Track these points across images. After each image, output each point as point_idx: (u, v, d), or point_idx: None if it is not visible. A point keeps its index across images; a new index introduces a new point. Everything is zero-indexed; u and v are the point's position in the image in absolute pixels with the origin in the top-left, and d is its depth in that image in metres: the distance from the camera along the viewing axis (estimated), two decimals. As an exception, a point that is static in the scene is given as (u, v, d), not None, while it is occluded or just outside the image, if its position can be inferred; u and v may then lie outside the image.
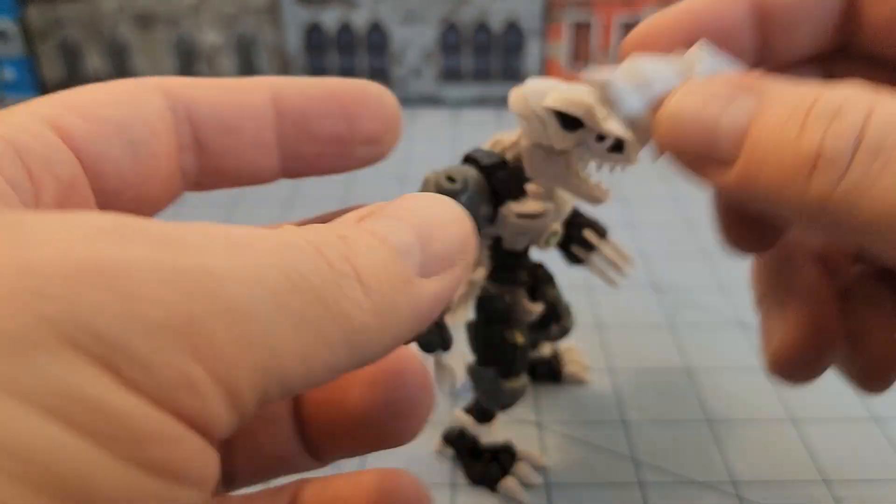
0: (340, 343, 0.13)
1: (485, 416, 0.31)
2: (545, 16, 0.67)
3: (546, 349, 0.36)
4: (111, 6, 0.67)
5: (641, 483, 0.31)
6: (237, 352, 0.12)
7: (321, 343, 0.13)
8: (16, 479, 0.10)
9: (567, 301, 0.32)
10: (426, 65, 0.69)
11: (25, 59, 0.68)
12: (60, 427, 0.10)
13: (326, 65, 0.69)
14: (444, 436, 0.32)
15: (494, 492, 0.31)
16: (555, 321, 0.32)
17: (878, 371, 0.21)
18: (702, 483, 0.31)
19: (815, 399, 0.35)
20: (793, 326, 0.21)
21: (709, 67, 0.19)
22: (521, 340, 0.29)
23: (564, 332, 0.32)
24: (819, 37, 0.21)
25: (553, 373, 0.36)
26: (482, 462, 0.31)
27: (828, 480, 0.31)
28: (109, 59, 0.69)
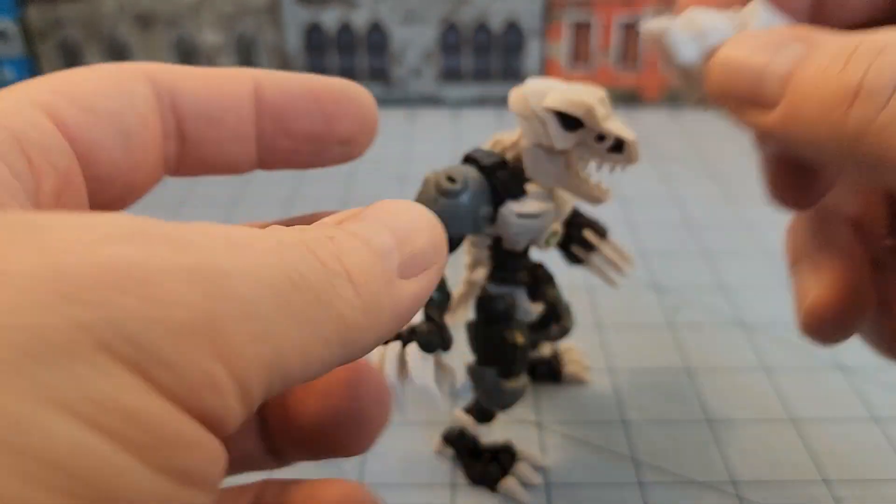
0: (335, 340, 0.14)
1: (485, 416, 0.31)
2: (545, 16, 0.67)
3: (546, 349, 0.36)
4: (111, 6, 0.67)
5: (641, 483, 0.31)
6: (250, 349, 0.12)
7: (318, 340, 0.13)
8: (53, 490, 0.10)
9: (567, 301, 0.32)
10: (426, 65, 0.69)
11: (25, 59, 0.68)
12: (96, 436, 0.10)
13: (326, 65, 0.69)
14: (444, 436, 0.32)
15: (494, 492, 0.31)
16: (555, 321, 0.32)
17: None
18: (702, 483, 0.31)
19: (815, 399, 0.35)
20: (828, 284, 0.22)
21: (763, 23, 0.20)
22: (521, 340, 0.29)
23: (564, 332, 0.32)
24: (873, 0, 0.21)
25: (553, 373, 0.36)
26: (482, 462, 0.31)
27: (828, 480, 0.31)
28: (109, 60, 0.68)
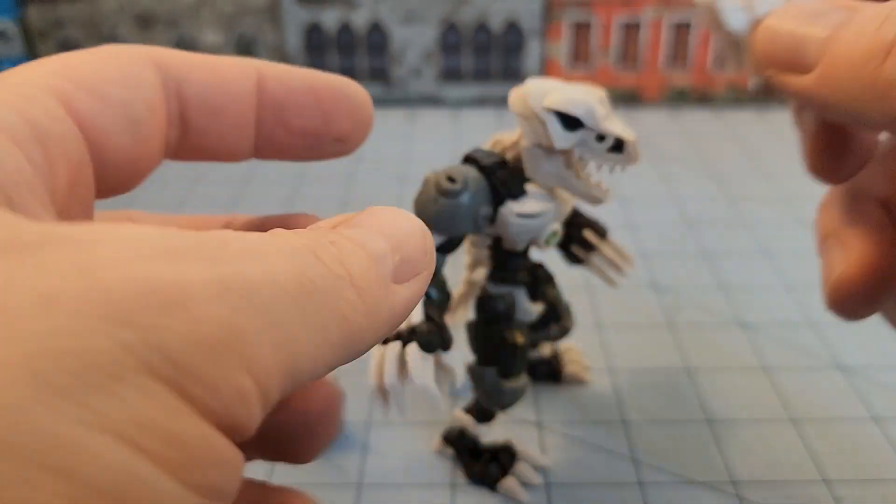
0: (340, 342, 0.14)
1: (485, 416, 0.31)
2: (545, 16, 0.67)
3: (546, 349, 0.36)
4: (111, 6, 0.67)
5: (641, 483, 0.31)
6: (271, 358, 0.12)
7: (327, 343, 0.13)
8: None
9: (567, 301, 0.32)
10: (426, 65, 0.69)
11: (25, 59, 0.68)
12: (140, 459, 0.10)
13: (326, 65, 0.69)
14: (444, 436, 0.32)
15: (494, 492, 0.31)
16: (555, 321, 0.32)
17: None
18: (702, 483, 0.31)
19: (815, 399, 0.35)
20: (855, 258, 0.22)
21: None
22: (521, 340, 0.29)
23: (564, 332, 0.32)
24: None
25: (553, 373, 0.36)
26: (482, 462, 0.31)
27: (828, 480, 0.31)
28: (109, 59, 0.68)
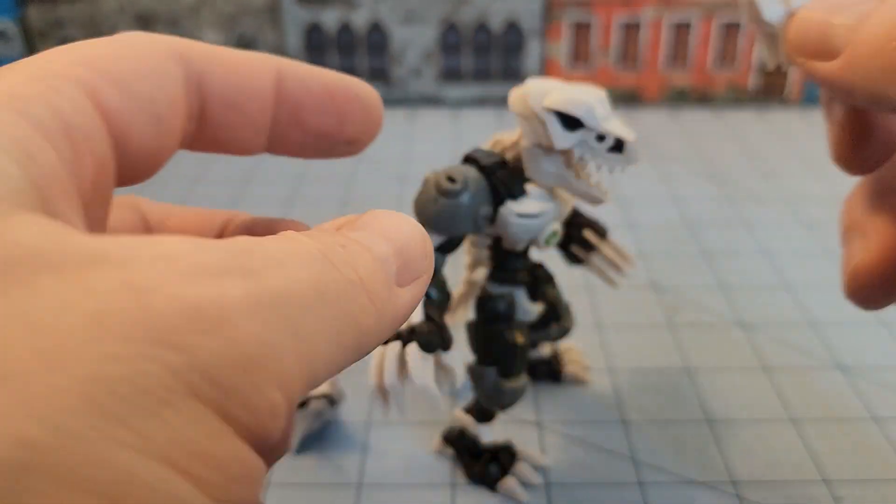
0: (352, 346, 0.14)
1: (485, 416, 0.31)
2: (545, 16, 0.67)
3: (546, 349, 0.36)
4: (111, 6, 0.67)
5: (641, 483, 0.31)
6: (296, 369, 0.12)
7: (341, 348, 0.14)
8: None
9: (567, 301, 0.32)
10: (426, 65, 0.69)
11: (25, 59, 0.68)
12: (185, 483, 0.11)
13: (326, 65, 0.69)
14: (444, 436, 0.32)
15: (494, 492, 0.31)
16: (555, 321, 0.32)
17: None
18: (702, 483, 0.31)
19: (815, 399, 0.35)
20: (875, 247, 0.23)
21: None
22: (521, 340, 0.29)
23: (564, 332, 0.32)
24: None
25: (553, 373, 0.36)
26: (482, 462, 0.31)
27: (828, 480, 0.31)
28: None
